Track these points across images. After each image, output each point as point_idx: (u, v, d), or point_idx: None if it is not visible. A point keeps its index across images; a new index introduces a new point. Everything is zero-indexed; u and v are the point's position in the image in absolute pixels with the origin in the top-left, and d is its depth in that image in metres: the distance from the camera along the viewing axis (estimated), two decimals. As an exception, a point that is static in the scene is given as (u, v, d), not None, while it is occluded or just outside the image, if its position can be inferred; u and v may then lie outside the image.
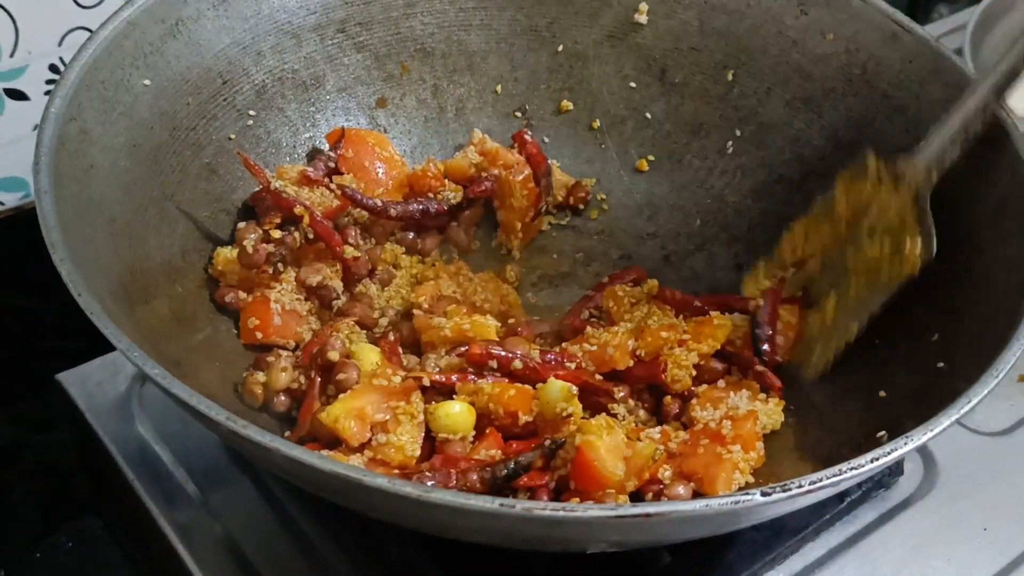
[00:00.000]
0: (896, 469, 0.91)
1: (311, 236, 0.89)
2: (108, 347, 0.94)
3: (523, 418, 0.80)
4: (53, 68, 1.10)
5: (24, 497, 1.09)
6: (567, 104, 1.05)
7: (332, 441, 0.79)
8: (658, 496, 0.77)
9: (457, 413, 0.80)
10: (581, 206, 1.04)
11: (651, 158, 1.04)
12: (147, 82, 0.87)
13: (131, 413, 0.93)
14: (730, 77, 1.02)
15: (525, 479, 0.75)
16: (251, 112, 0.95)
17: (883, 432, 0.74)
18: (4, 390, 1.14)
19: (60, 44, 1.09)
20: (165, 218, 0.86)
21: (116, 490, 0.92)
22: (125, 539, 1.01)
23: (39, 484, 1.10)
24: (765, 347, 0.88)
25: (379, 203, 0.94)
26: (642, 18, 1.03)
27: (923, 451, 0.94)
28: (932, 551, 0.88)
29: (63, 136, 0.77)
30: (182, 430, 0.92)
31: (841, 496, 0.88)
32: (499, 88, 1.05)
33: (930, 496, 0.92)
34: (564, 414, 0.79)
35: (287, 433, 0.82)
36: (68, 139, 0.78)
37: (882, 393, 0.81)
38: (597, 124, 1.05)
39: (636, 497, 0.77)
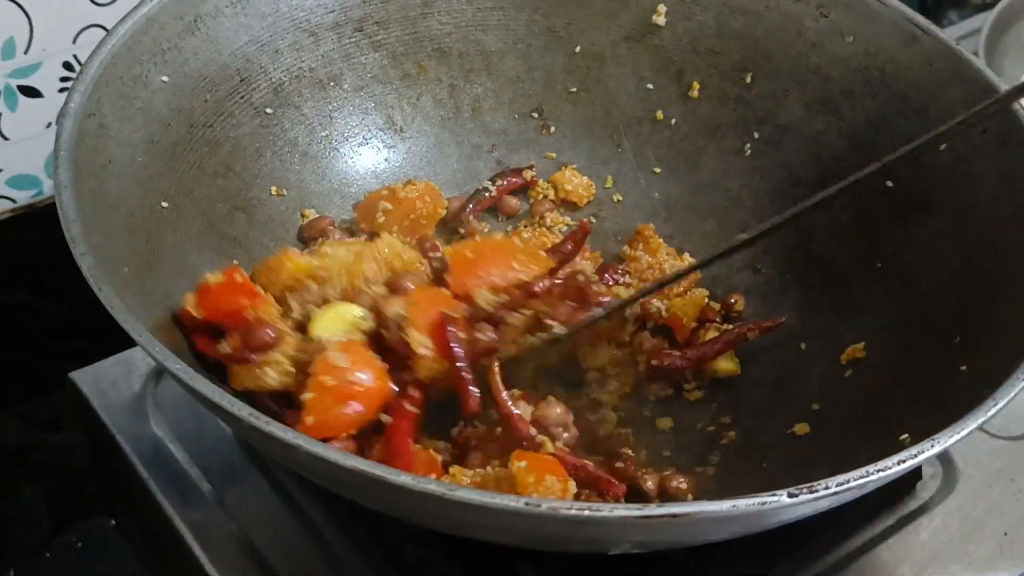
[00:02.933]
0: (915, 473, 0.91)
1: None
2: (118, 346, 0.95)
3: None
4: (67, 66, 1.10)
5: (34, 497, 1.09)
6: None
7: None
8: None
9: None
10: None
11: (668, 159, 1.04)
12: (165, 78, 0.86)
13: (145, 412, 0.93)
14: (748, 79, 1.01)
15: None
16: (268, 110, 0.94)
17: (906, 435, 0.73)
18: (14, 389, 1.14)
19: (75, 42, 1.09)
20: (181, 215, 0.86)
21: (130, 489, 0.91)
22: (137, 539, 1.01)
23: (49, 484, 1.10)
24: None
25: None
26: (660, 19, 1.02)
27: (942, 455, 0.93)
28: (951, 556, 0.87)
29: (82, 131, 0.77)
30: (197, 428, 0.91)
31: (860, 500, 0.88)
32: (515, 88, 1.04)
33: (949, 500, 0.91)
34: None
35: None
36: (87, 134, 0.78)
37: (903, 396, 0.80)
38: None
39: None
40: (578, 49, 1.04)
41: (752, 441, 0.86)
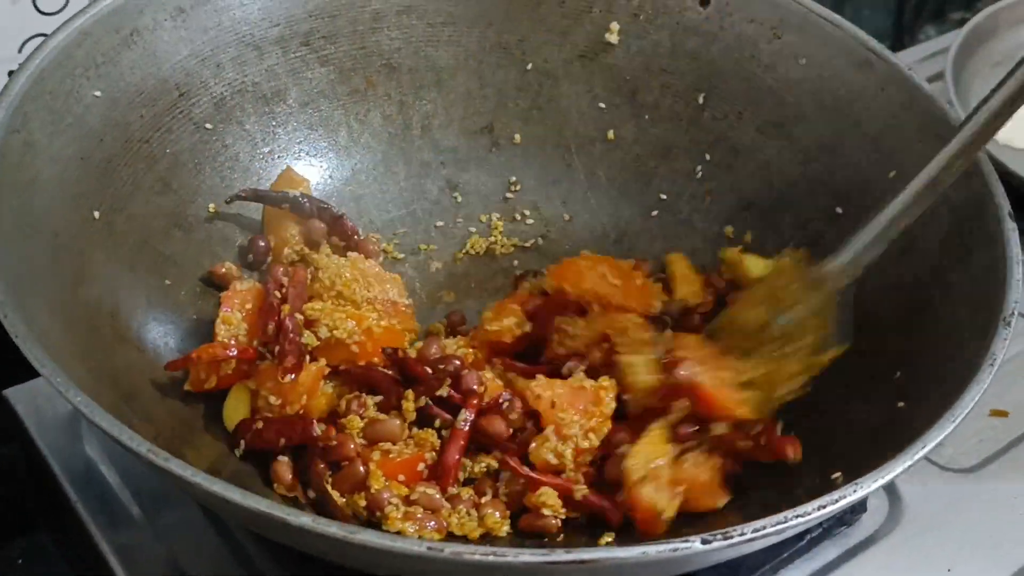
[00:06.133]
0: (859, 506, 0.89)
1: None
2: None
3: None
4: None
5: (-23, 510, 1.07)
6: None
7: None
8: None
9: None
10: None
11: (619, 180, 1.02)
12: (98, 93, 0.85)
13: (79, 432, 0.91)
14: (701, 100, 1.00)
15: None
16: (208, 125, 0.93)
17: (838, 474, 0.71)
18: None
19: (20, 51, 1.07)
20: (113, 232, 0.84)
21: (60, 509, 0.90)
22: (73, 557, 0.99)
23: (-6, 497, 1.08)
24: None
25: None
26: (613, 38, 1.01)
27: (888, 487, 0.92)
28: (895, 590, 0.86)
29: (5, 148, 0.76)
30: (129, 451, 0.90)
31: (801, 533, 0.86)
32: (466, 105, 1.03)
33: (894, 534, 0.89)
34: None
35: None
36: (10, 151, 0.76)
37: (840, 432, 0.79)
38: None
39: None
40: (530, 66, 1.02)
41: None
